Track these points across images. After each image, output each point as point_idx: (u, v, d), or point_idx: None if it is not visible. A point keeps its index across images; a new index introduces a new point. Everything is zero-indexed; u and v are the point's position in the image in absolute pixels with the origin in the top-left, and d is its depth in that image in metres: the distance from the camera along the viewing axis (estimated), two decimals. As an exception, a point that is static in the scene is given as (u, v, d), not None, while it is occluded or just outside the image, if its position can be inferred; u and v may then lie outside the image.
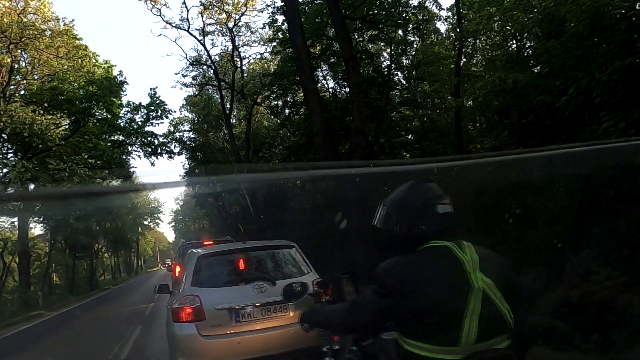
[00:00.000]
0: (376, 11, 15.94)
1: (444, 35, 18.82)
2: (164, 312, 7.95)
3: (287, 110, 21.69)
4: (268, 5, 23.67)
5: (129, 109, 28.99)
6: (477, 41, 16.40)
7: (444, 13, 19.60)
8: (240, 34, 25.50)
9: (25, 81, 21.82)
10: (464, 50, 16.04)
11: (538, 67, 9.55)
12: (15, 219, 24.11)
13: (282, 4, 15.06)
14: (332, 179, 12.27)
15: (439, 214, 1.67)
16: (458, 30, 13.36)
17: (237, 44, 25.18)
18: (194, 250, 5.44)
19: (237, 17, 24.24)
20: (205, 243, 9.44)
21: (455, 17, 14.89)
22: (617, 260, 5.84)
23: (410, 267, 1.61)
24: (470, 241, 1.66)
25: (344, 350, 2.31)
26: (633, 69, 5.12)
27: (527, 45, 12.09)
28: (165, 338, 5.34)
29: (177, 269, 9.57)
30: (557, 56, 6.96)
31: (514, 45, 12.52)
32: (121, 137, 29.47)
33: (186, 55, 28.66)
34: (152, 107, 29.24)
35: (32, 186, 21.84)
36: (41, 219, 27.18)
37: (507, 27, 12.25)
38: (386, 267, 1.66)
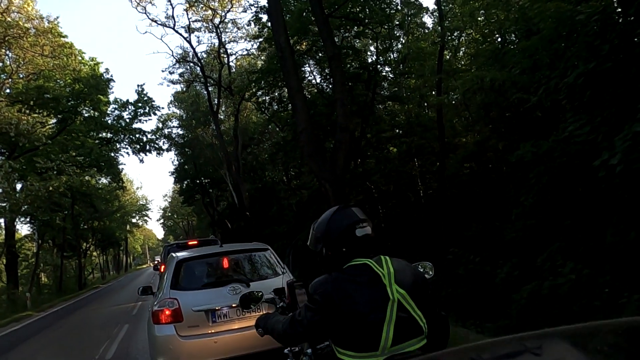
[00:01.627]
0: (359, 9, 16.00)
1: (430, 29, 18.99)
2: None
3: (274, 106, 21.75)
4: (251, 5, 23.72)
5: (117, 106, 28.99)
6: (463, 35, 16.62)
7: (430, 5, 19.73)
8: (226, 30, 25.51)
9: (10, 80, 21.68)
10: (449, 44, 16.25)
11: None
12: (2, 220, 24.02)
13: (266, 3, 15.09)
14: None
15: (358, 237, 1.87)
16: (440, 28, 13.49)
17: (223, 40, 25.19)
18: (173, 254, 5.62)
19: (223, 13, 24.21)
20: (190, 243, 9.58)
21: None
22: (584, 253, 6.07)
23: (334, 284, 1.82)
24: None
25: (301, 351, 2.46)
26: (598, 73, 5.29)
27: (506, 43, 12.30)
28: (150, 338, 5.50)
29: (162, 268, 9.70)
30: (528, 57, 7.13)
31: (498, 40, 12.69)
32: (109, 135, 29.49)
33: (172, 52, 28.57)
34: (140, 104, 29.25)
35: (19, 185, 21.83)
36: (28, 219, 27.10)
37: (489, 24, 12.46)
38: (314, 285, 1.89)
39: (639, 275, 5.18)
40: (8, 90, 21.96)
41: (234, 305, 4.70)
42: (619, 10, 5.66)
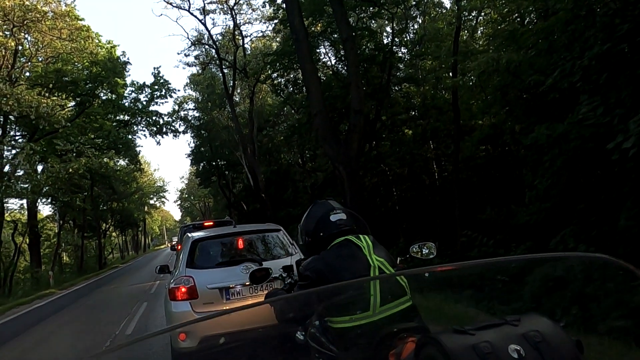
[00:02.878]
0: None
1: (447, 9, 18.69)
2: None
3: (290, 88, 21.74)
4: (265, -14, 23.48)
5: (133, 89, 29.22)
6: (481, 16, 16.32)
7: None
8: (241, 12, 25.41)
9: (29, 63, 22.01)
10: (466, 24, 15.98)
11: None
12: (24, 201, 24.59)
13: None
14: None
15: (332, 221, 2.17)
16: (456, 9, 13.26)
17: (238, 22, 25.09)
18: (188, 234, 5.77)
19: (238, -6, 24.09)
20: (205, 224, 9.76)
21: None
22: (597, 237, 6.05)
23: (322, 260, 2.07)
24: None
25: (310, 323, 2.57)
26: (613, 54, 5.22)
27: (525, 23, 12.07)
28: (167, 314, 5.69)
29: (179, 248, 9.93)
30: (545, 38, 7.02)
31: (518, 20, 12.45)
32: (126, 117, 29.76)
33: (188, 35, 28.59)
34: (156, 87, 29.41)
35: (40, 167, 22.32)
36: (49, 201, 27.70)
37: (507, 3, 12.21)
38: (305, 265, 2.15)
39: (652, 259, 5.17)
40: (28, 74, 22.31)
41: (247, 283, 4.83)
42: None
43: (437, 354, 1.04)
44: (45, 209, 37.70)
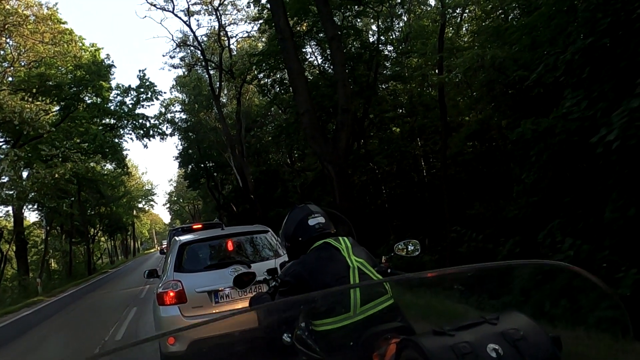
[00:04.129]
0: (359, -13, 15.80)
1: (431, 7, 18.74)
2: (156, 294, 8.25)
3: (276, 88, 21.69)
4: (250, -14, 23.41)
5: (119, 92, 28.95)
6: (466, 12, 16.40)
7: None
8: (226, 12, 25.31)
9: (12, 68, 21.70)
10: (451, 21, 16.03)
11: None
12: (10, 208, 24.26)
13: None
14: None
15: (310, 226, 2.17)
16: (440, 6, 13.30)
17: (223, 23, 25.00)
18: (176, 237, 5.73)
19: (223, -5, 23.98)
20: (194, 227, 9.69)
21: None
22: (584, 230, 6.11)
23: (303, 264, 2.09)
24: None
25: (297, 325, 2.56)
26: (595, 49, 5.26)
27: (510, 18, 12.15)
28: (156, 319, 5.63)
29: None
30: (528, 34, 7.07)
31: (502, 17, 12.53)
32: (112, 121, 29.49)
33: (172, 36, 28.38)
34: (142, 89, 29.20)
35: (25, 173, 22.03)
36: (35, 207, 27.37)
37: (490, 1, 12.29)
38: (284, 270, 2.19)
39: (637, 251, 5.22)
40: (10, 79, 21.99)
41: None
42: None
43: (417, 356, 1.04)
44: (31, 216, 37.26)
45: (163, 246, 28.97)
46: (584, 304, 5.12)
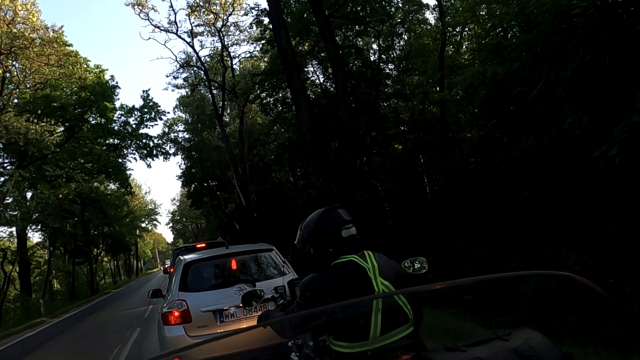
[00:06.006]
0: (360, 7, 16.02)
1: (431, 26, 18.96)
2: (160, 314, 8.20)
3: (279, 107, 21.84)
4: (252, 8, 23.83)
5: (123, 112, 29.25)
6: (465, 30, 16.58)
7: (431, 2, 19.75)
8: (229, 33, 25.62)
9: (17, 90, 21.93)
10: (451, 39, 16.20)
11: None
12: (13, 229, 24.27)
13: (267, 6, 15.15)
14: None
15: (344, 238, 2.02)
16: (440, 25, 13.48)
17: (226, 43, 25.29)
18: (181, 257, 5.74)
19: (225, 17, 24.32)
20: (198, 246, 9.68)
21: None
22: (588, 245, 6.08)
23: (323, 281, 1.96)
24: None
25: (304, 344, 2.54)
26: (595, 65, 5.31)
27: (509, 36, 12.27)
28: (161, 339, 5.60)
29: (172, 271, 9.83)
30: (527, 51, 7.14)
31: (501, 34, 12.66)
32: (116, 141, 29.73)
33: (176, 57, 28.69)
34: (146, 110, 29.49)
35: (29, 194, 22.12)
36: (39, 227, 27.37)
37: (490, 18, 12.43)
38: (304, 282, 2.04)
39: (643, 265, 5.20)
40: (16, 100, 22.22)
41: (240, 305, 4.79)
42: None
43: None
44: (35, 236, 37.25)
45: (166, 265, 28.86)
46: (592, 321, 5.08)
